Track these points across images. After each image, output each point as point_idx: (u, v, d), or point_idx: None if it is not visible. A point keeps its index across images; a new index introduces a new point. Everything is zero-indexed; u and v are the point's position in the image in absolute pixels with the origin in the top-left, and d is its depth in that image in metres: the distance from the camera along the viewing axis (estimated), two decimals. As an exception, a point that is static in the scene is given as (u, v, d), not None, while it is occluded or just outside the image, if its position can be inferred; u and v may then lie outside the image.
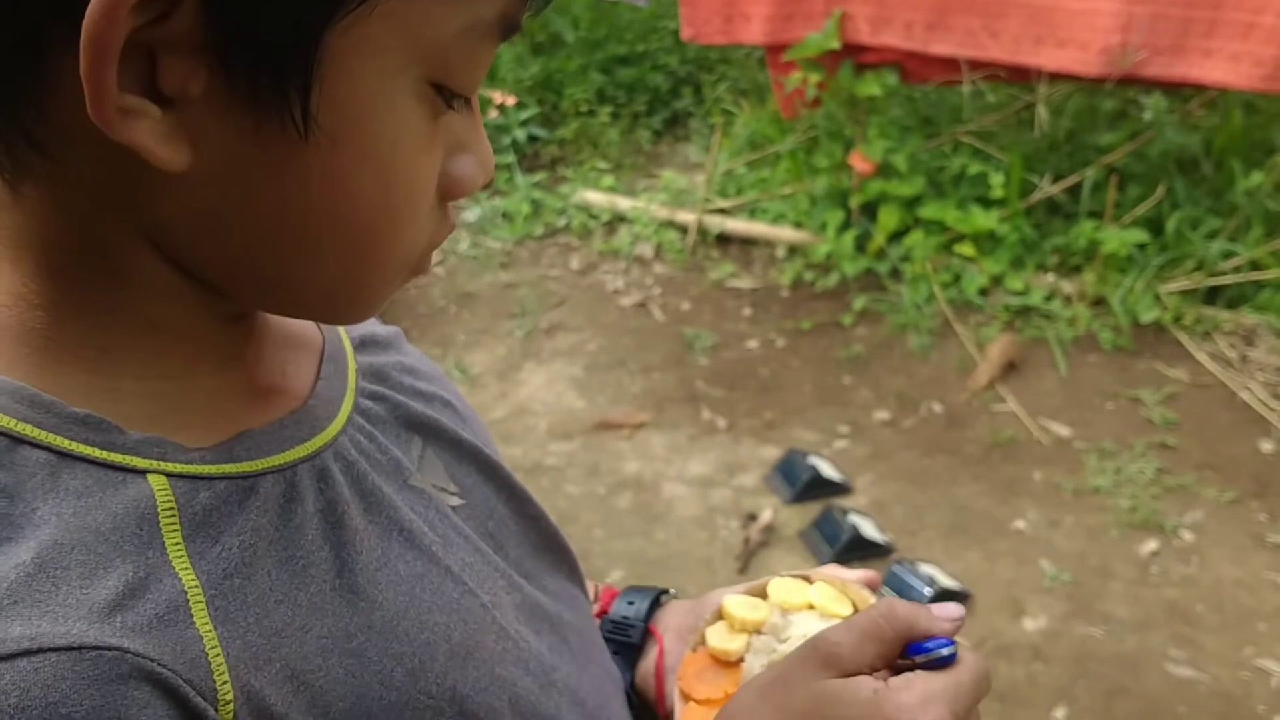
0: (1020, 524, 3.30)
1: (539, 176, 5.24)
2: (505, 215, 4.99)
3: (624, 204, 4.91)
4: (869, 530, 3.22)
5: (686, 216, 4.79)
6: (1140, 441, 3.56)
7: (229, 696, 0.51)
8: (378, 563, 0.62)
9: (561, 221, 4.95)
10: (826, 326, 4.25)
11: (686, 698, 0.82)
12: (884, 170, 4.43)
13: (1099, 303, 4.13)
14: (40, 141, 0.51)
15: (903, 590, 3.01)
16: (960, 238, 4.36)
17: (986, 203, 4.39)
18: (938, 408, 3.81)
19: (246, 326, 0.64)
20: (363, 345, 0.77)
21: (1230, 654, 2.81)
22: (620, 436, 3.68)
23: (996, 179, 4.34)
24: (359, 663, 0.58)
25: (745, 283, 4.54)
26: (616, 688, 0.84)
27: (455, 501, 0.74)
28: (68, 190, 0.53)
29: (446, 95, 0.56)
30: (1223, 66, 3.57)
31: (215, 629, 0.52)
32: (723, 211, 4.81)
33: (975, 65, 4.14)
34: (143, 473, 0.54)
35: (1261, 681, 2.73)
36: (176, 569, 0.52)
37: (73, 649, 0.46)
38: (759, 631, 0.84)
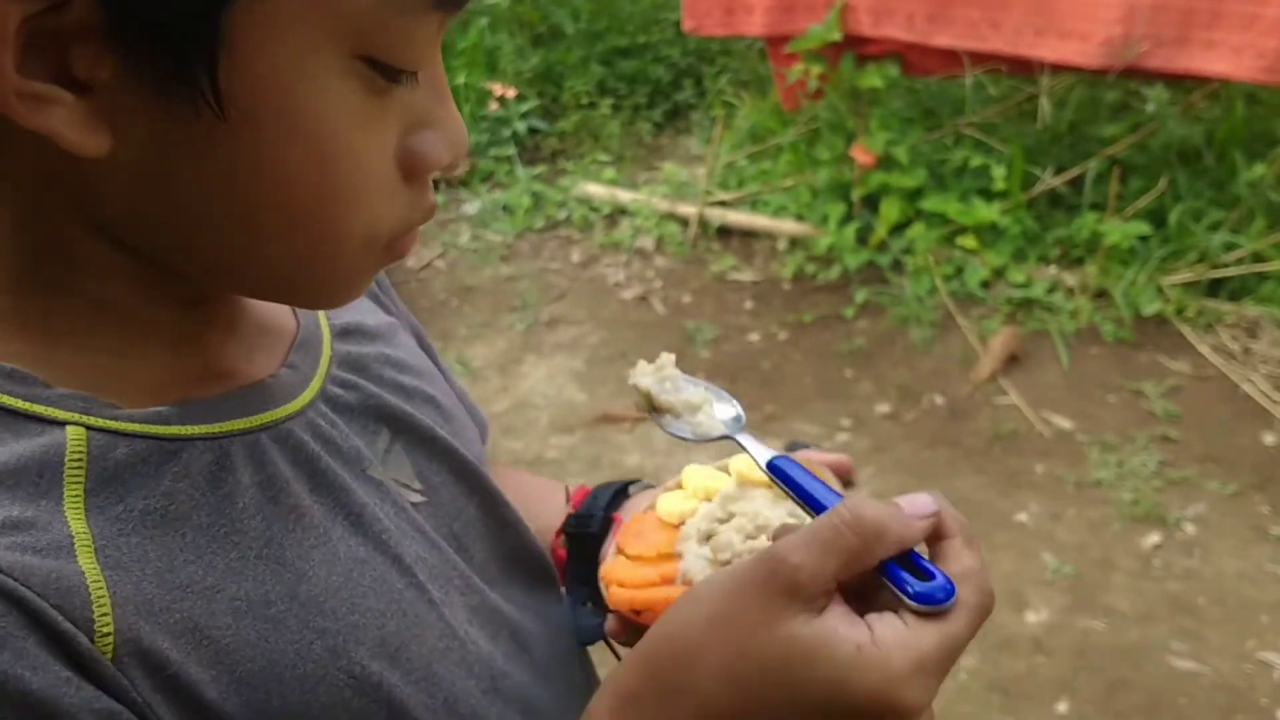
0: (1022, 516, 3.29)
1: (540, 169, 5.24)
2: (506, 208, 4.98)
3: (625, 196, 4.90)
4: (871, 523, 3.22)
5: (688, 209, 4.78)
6: (1142, 434, 3.56)
7: (108, 629, 0.50)
8: (315, 540, 0.63)
9: (562, 214, 4.94)
10: (828, 319, 4.24)
11: (620, 551, 0.82)
12: (885, 162, 4.42)
13: (1101, 295, 4.12)
14: None
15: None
16: (962, 230, 4.35)
17: (988, 195, 4.38)
18: (939, 400, 3.81)
19: (209, 311, 0.65)
20: (345, 334, 0.76)
21: (1233, 647, 2.81)
22: (622, 430, 3.68)
23: (998, 171, 4.33)
24: (274, 628, 0.58)
25: (746, 275, 4.53)
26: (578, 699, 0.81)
27: (416, 498, 0.74)
28: (6, 179, 0.54)
29: (385, 70, 0.55)
30: (1225, 58, 3.56)
31: (102, 571, 0.52)
32: (724, 204, 4.80)
33: (976, 57, 4.13)
34: (61, 424, 0.54)
35: (1264, 674, 2.73)
36: (68, 518, 0.52)
37: None
38: (710, 499, 0.82)
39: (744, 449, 0.70)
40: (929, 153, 4.54)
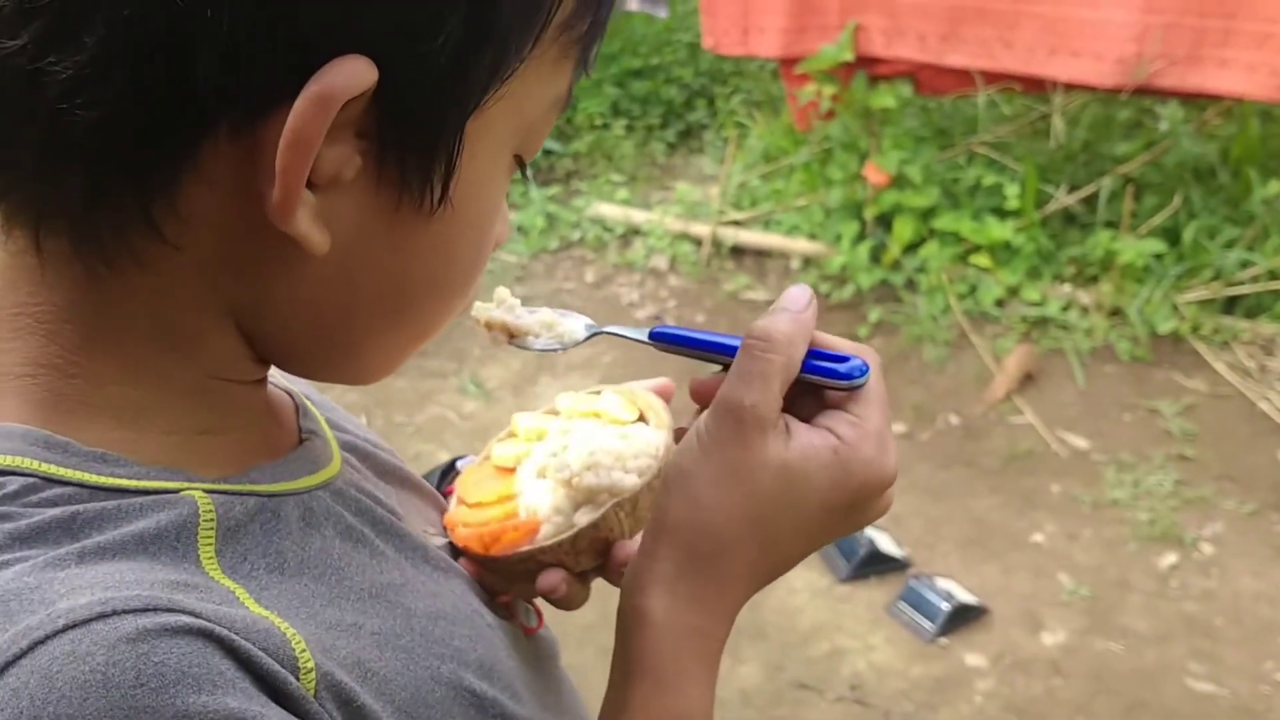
0: (1038, 537, 3.28)
1: (553, 190, 5.25)
2: (520, 229, 5.00)
3: (638, 217, 4.91)
4: (886, 544, 3.21)
5: (701, 229, 4.79)
6: (1159, 453, 3.54)
7: (310, 666, 0.51)
8: (401, 578, 0.65)
9: (576, 235, 4.95)
10: (841, 338, 4.23)
11: (460, 501, 0.82)
12: (898, 181, 4.42)
13: (1116, 313, 4.11)
14: (161, 227, 0.51)
15: (920, 605, 3.00)
16: (976, 249, 4.35)
17: (1002, 213, 4.38)
18: (954, 420, 3.80)
19: (264, 389, 0.67)
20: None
21: (1251, 668, 2.79)
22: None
23: (1012, 189, 4.33)
24: (410, 659, 0.60)
25: (760, 294, 4.53)
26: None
27: (439, 540, 0.77)
28: (170, 277, 0.54)
29: (521, 163, 0.60)
30: (1239, 76, 3.56)
31: (276, 616, 0.52)
32: (737, 223, 4.81)
33: (989, 76, 4.13)
34: (175, 491, 0.55)
35: (1283, 696, 2.71)
36: (214, 577, 0.53)
37: (148, 609, 0.46)
38: (542, 439, 0.84)
39: (620, 335, 0.75)
40: (942, 171, 4.55)
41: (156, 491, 0.54)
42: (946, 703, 2.77)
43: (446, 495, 0.92)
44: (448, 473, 0.96)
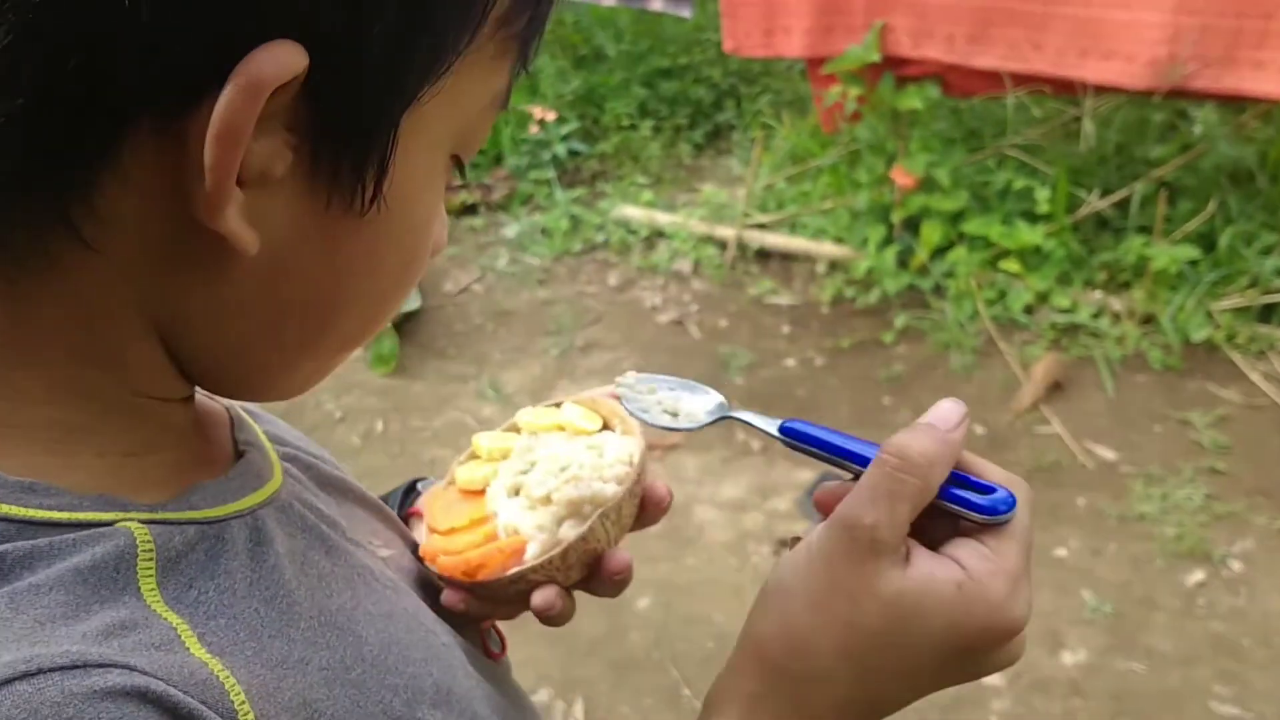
0: (1061, 552, 3.20)
1: (578, 192, 5.21)
2: (544, 231, 4.96)
3: (663, 219, 4.86)
4: (904, 557, 3.14)
5: (726, 232, 4.73)
6: (1189, 466, 3.45)
7: (250, 718, 0.48)
8: (350, 602, 0.62)
9: (600, 237, 4.91)
10: (867, 345, 4.17)
11: (431, 530, 0.81)
12: (926, 184, 4.35)
13: (1148, 321, 4.01)
14: (79, 228, 0.48)
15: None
16: (1005, 253, 4.27)
17: (1032, 218, 4.29)
18: (979, 430, 3.72)
19: (193, 404, 0.64)
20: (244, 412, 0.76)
21: (1278, 691, 2.70)
22: (652, 457, 3.62)
23: (1043, 193, 4.24)
24: (360, 693, 0.57)
25: (784, 299, 4.47)
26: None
27: (385, 553, 0.75)
28: (90, 282, 0.51)
29: (458, 165, 0.58)
30: (1275, 78, 3.45)
31: (216, 658, 0.50)
32: (762, 226, 4.75)
33: (1019, 78, 4.05)
34: (110, 523, 0.52)
35: (1311, 722, 2.62)
36: (158, 611, 0.50)
37: (76, 666, 0.43)
38: (507, 458, 0.83)
39: (749, 424, 0.72)
40: (971, 175, 4.47)
41: (90, 524, 0.51)
42: (961, 722, 2.71)
43: (408, 518, 0.90)
44: (409, 494, 0.94)
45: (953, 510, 0.61)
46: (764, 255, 4.69)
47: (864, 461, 0.62)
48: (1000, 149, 4.47)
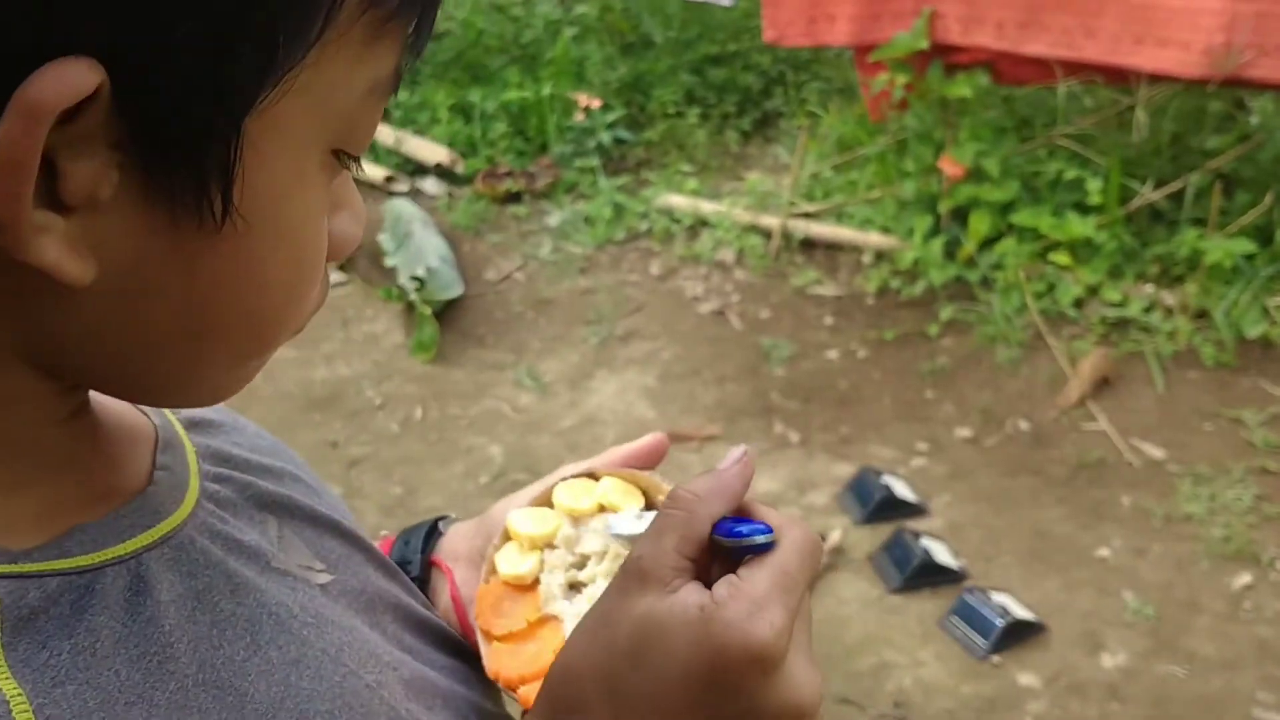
0: (1104, 552, 3.13)
1: (623, 180, 5.18)
2: (587, 220, 4.94)
3: (707, 208, 4.82)
4: (942, 555, 3.09)
5: (770, 221, 4.68)
6: (1239, 466, 3.36)
7: None
8: (245, 651, 0.58)
9: (643, 226, 4.88)
10: (911, 337, 4.11)
11: (488, 637, 0.78)
12: (975, 174, 4.27)
13: (1201, 316, 3.92)
14: None
15: (974, 620, 2.88)
16: (1055, 245, 4.18)
17: (1083, 209, 4.20)
18: (1024, 425, 3.66)
19: (83, 424, 0.59)
20: (194, 427, 0.71)
21: (1325, 701, 2.63)
22: (689, 449, 3.60)
23: (1094, 184, 4.15)
24: None
25: (828, 290, 4.42)
26: None
27: (323, 579, 0.70)
28: None
29: (344, 159, 0.53)
30: (1335, 67, 3.35)
31: None
32: (808, 216, 4.69)
33: (1070, 66, 3.96)
34: None
35: (1358, 733, 2.54)
36: None
37: None
38: (551, 546, 0.79)
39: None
40: (1021, 164, 4.38)
41: None
42: (995, 725, 2.66)
43: (432, 565, 0.87)
44: (430, 534, 0.90)
45: (721, 543, 0.62)
46: (809, 245, 4.63)
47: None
48: (1051, 138, 4.38)
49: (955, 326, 4.13)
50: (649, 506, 0.79)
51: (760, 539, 0.61)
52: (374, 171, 5.20)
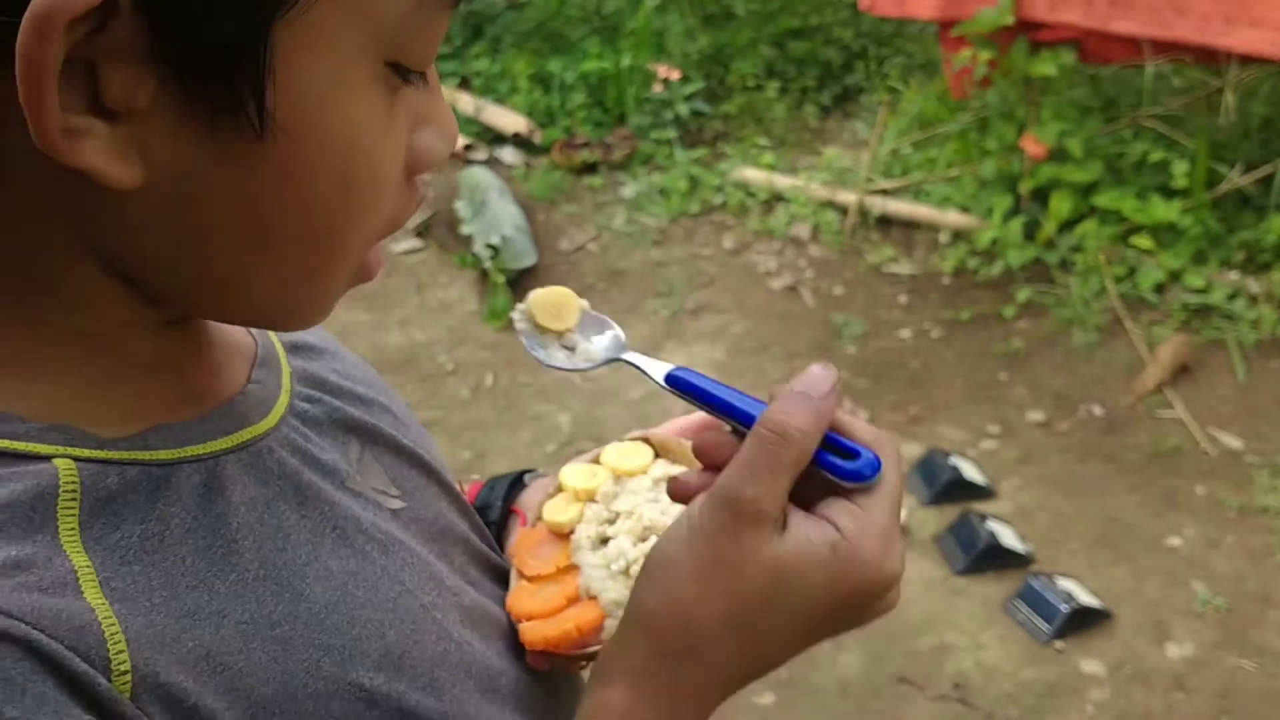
0: (1175, 541, 3.08)
1: (699, 153, 5.16)
2: (662, 192, 4.94)
3: (783, 182, 4.79)
4: (1008, 538, 3.07)
5: (847, 197, 4.64)
6: (1320, 458, 3.29)
7: (125, 667, 0.49)
8: (307, 557, 0.62)
9: (718, 199, 4.86)
10: (986, 318, 4.06)
11: (520, 575, 0.81)
12: (1057, 154, 4.19)
13: (1287, 304, 3.82)
14: None
15: (1038, 605, 2.86)
16: (1137, 229, 4.10)
17: (1168, 192, 4.11)
18: (1098, 411, 3.60)
19: (183, 332, 0.63)
20: (295, 350, 0.75)
21: (1399, 701, 2.57)
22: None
23: (1180, 167, 4.06)
24: (284, 649, 0.57)
25: (904, 268, 4.37)
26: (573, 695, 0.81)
27: (396, 505, 0.73)
28: (6, 211, 0.51)
29: (403, 72, 0.54)
30: None
31: (111, 605, 0.50)
32: (885, 193, 4.65)
33: (1159, 45, 3.87)
34: (47, 458, 0.52)
35: None
36: (67, 551, 0.51)
37: None
38: (593, 500, 0.82)
39: (638, 368, 0.72)
40: (1105, 145, 4.30)
41: (32, 457, 0.52)
42: (1055, 710, 2.63)
43: (511, 513, 0.91)
44: (514, 485, 0.94)
45: (822, 473, 0.62)
46: (885, 222, 4.59)
47: (748, 418, 0.63)
48: (1137, 119, 4.29)
49: (1031, 309, 4.07)
50: None
51: (873, 477, 0.61)
52: (452, 139, 5.24)
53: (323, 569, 0.62)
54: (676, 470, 0.82)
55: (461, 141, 5.21)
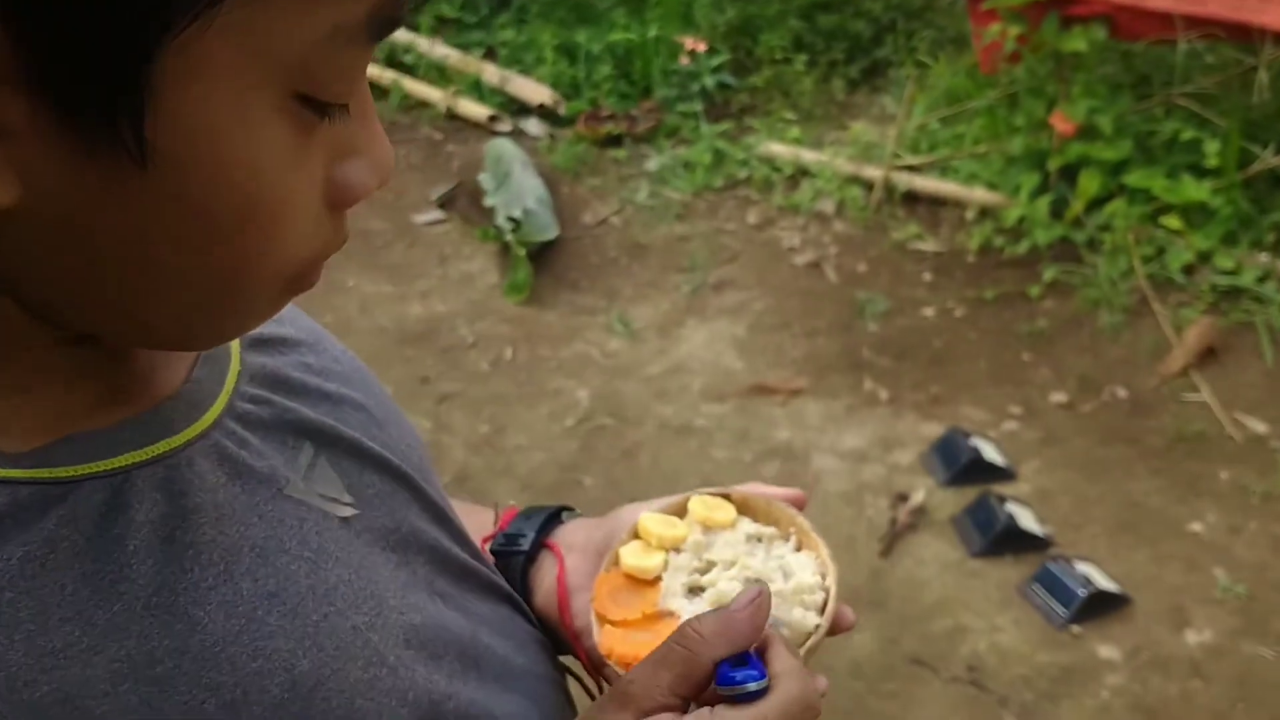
0: (1197, 526, 3.05)
1: (725, 126, 5.12)
2: (686, 165, 4.90)
3: (808, 157, 4.75)
4: (1027, 521, 3.04)
5: (873, 172, 4.60)
6: (1347, 445, 3.24)
7: None
8: (213, 580, 0.58)
9: (743, 173, 4.82)
10: (1011, 297, 4.02)
11: (602, 620, 0.81)
12: (1087, 132, 4.13)
13: (1318, 287, 3.76)
14: None
15: (1055, 589, 2.83)
16: (1167, 209, 4.04)
17: (1199, 172, 4.05)
18: (1122, 393, 3.56)
19: (96, 342, 0.60)
20: (258, 345, 0.71)
21: None
22: (775, 402, 3.58)
23: (1212, 146, 3.99)
24: (159, 690, 0.53)
25: (929, 245, 4.33)
26: (545, 713, 0.79)
27: (347, 512, 0.69)
28: None
29: (318, 107, 0.51)
30: None
31: None
32: (912, 169, 4.60)
33: (1192, 22, 3.80)
34: None
35: None
36: None
37: None
38: (678, 549, 0.84)
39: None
40: (1136, 123, 4.23)
41: None
42: (1070, 695, 2.61)
43: (544, 547, 0.91)
44: (551, 519, 0.94)
45: (717, 689, 0.65)
46: (911, 199, 4.54)
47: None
48: (1169, 97, 4.22)
49: (1057, 288, 4.02)
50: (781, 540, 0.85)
51: (752, 686, 0.64)
52: (478, 111, 5.22)
53: (231, 592, 0.59)
54: (763, 529, 0.85)
55: (486, 112, 5.19)
